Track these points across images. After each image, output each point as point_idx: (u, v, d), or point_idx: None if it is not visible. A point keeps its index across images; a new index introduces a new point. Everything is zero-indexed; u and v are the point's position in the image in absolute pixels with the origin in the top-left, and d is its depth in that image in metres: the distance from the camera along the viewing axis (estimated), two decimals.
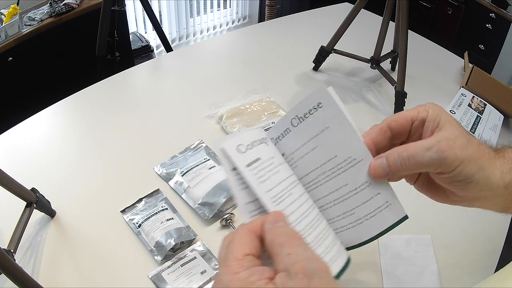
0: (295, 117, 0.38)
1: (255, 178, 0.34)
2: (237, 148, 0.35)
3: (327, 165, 0.38)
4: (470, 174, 0.36)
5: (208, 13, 2.81)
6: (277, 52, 1.11)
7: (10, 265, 0.46)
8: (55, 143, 0.78)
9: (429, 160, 0.35)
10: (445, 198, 0.41)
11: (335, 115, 0.37)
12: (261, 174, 0.35)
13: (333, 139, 0.37)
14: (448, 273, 0.57)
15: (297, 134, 0.38)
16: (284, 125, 0.39)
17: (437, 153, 0.35)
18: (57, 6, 1.67)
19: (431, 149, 0.35)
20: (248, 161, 0.35)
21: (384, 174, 0.36)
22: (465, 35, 2.39)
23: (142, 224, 0.61)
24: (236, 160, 0.34)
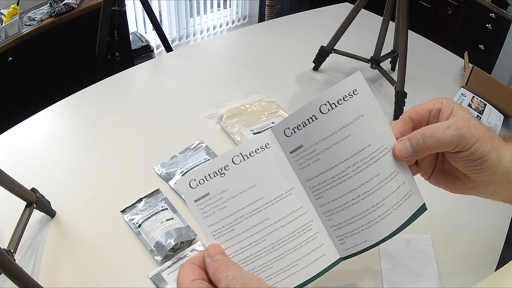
0: (326, 103, 0.36)
1: (199, 213, 0.37)
2: (189, 183, 0.37)
3: (359, 155, 0.37)
4: (486, 152, 0.38)
5: (208, 13, 2.82)
6: (277, 52, 1.11)
7: (10, 265, 0.46)
8: (55, 143, 0.78)
9: (449, 137, 0.37)
10: (461, 186, 0.43)
11: (370, 102, 0.37)
12: (206, 209, 0.37)
13: (367, 127, 0.37)
14: (448, 273, 0.57)
15: (326, 122, 0.36)
16: (309, 112, 0.36)
17: (456, 130, 0.37)
18: (57, 6, 1.67)
19: (450, 127, 0.38)
20: (196, 197, 0.37)
21: (408, 155, 0.38)
22: (465, 35, 2.39)
23: (142, 224, 0.61)
24: (185, 196, 0.37)
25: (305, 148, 0.37)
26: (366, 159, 0.37)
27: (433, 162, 0.44)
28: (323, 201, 0.38)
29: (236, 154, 0.37)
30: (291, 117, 0.37)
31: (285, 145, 0.38)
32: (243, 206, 0.37)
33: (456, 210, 0.66)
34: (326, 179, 0.37)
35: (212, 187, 0.37)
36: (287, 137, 0.37)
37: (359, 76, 0.37)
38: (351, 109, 0.36)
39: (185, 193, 0.37)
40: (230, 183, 0.37)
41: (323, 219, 0.39)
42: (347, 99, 0.36)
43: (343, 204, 0.38)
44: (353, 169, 0.37)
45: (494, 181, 0.40)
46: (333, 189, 0.37)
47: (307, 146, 0.37)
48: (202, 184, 0.37)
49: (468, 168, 0.40)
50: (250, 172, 0.37)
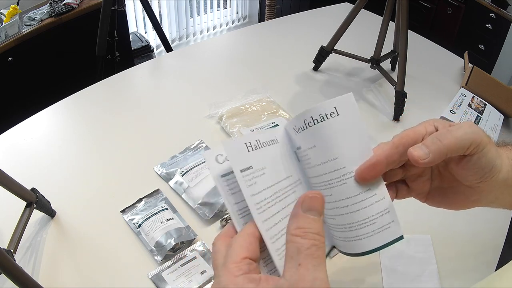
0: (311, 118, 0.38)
1: (227, 189, 0.35)
2: (215, 158, 0.36)
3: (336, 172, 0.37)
4: (494, 157, 0.37)
5: (208, 13, 2.82)
6: (277, 52, 1.11)
7: (10, 265, 0.46)
8: (55, 143, 0.78)
9: (464, 135, 0.36)
10: (464, 200, 0.42)
11: (356, 124, 0.37)
12: (232, 186, 0.35)
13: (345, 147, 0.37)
14: (448, 273, 0.57)
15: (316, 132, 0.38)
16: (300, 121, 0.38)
17: (470, 128, 0.36)
18: (57, 6, 1.67)
19: (462, 126, 0.37)
20: (224, 172, 0.35)
21: (426, 156, 0.36)
22: (465, 35, 2.40)
23: (142, 224, 0.61)
24: (213, 170, 0.35)
25: (302, 150, 0.39)
26: (338, 178, 0.37)
27: (427, 183, 0.43)
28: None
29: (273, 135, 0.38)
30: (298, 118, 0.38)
31: (291, 142, 0.40)
32: (278, 183, 0.36)
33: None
34: (312, 183, 0.39)
35: (253, 160, 0.36)
36: (295, 135, 0.39)
37: (350, 98, 0.38)
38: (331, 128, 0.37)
39: (231, 159, 0.34)
40: (265, 160, 0.37)
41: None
42: (333, 115, 0.37)
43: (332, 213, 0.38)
44: (328, 183, 0.37)
45: (495, 188, 0.39)
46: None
47: (303, 148, 0.38)
48: (244, 154, 0.36)
49: (477, 175, 0.38)
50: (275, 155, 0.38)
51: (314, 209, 0.31)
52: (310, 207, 0.31)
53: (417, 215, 0.65)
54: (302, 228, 0.30)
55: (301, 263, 0.28)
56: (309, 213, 0.30)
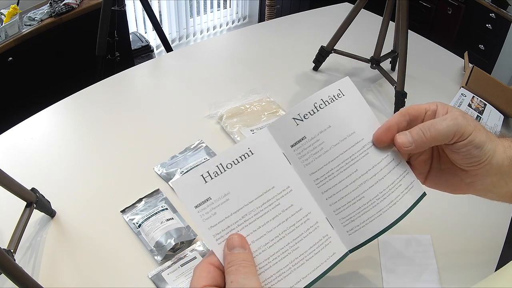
0: (320, 100, 0.40)
1: (200, 218, 0.37)
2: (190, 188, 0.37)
3: (354, 147, 0.40)
4: (483, 140, 0.40)
5: (208, 13, 2.82)
6: (277, 52, 1.11)
7: (10, 265, 0.46)
8: (55, 143, 0.78)
9: (446, 127, 0.39)
10: (459, 183, 0.44)
11: (358, 102, 0.41)
12: (206, 212, 0.36)
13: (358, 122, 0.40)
14: (448, 273, 0.57)
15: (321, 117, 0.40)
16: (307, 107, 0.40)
17: (452, 120, 0.39)
18: (57, 6, 1.67)
19: (446, 119, 0.40)
20: (197, 202, 0.36)
21: (409, 144, 0.40)
22: (465, 35, 2.40)
23: (142, 224, 0.61)
24: (184, 201, 0.36)
25: (308, 139, 0.39)
26: (360, 151, 0.40)
27: (428, 163, 0.45)
28: (328, 193, 0.40)
29: (229, 159, 0.38)
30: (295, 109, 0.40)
31: (284, 140, 0.39)
32: (247, 205, 0.37)
33: (456, 210, 0.66)
34: (328, 171, 0.39)
35: (213, 190, 0.37)
36: (288, 129, 0.39)
37: (348, 80, 0.41)
38: (341, 107, 0.40)
39: (182, 198, 0.36)
40: (230, 184, 0.37)
41: (331, 212, 0.39)
42: (340, 96, 0.41)
43: (348, 195, 0.40)
44: (351, 159, 0.40)
45: (491, 173, 0.42)
46: (336, 179, 0.39)
47: (309, 137, 0.39)
48: (201, 187, 0.36)
49: (467, 159, 0.41)
50: (246, 173, 0.37)
51: (236, 245, 0.35)
52: (232, 246, 0.36)
53: (417, 215, 0.64)
54: (231, 262, 0.35)
55: (233, 280, 0.33)
56: (234, 250, 0.35)
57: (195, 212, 0.36)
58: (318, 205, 0.39)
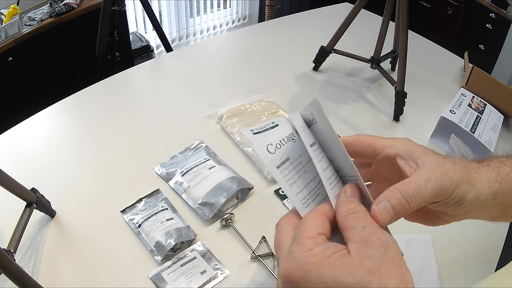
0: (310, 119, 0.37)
1: (285, 180, 0.35)
2: (266, 149, 0.35)
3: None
4: (464, 193, 0.36)
5: (208, 13, 2.82)
6: (277, 52, 1.11)
7: (10, 265, 0.46)
8: (55, 143, 0.78)
9: (431, 191, 0.34)
10: (437, 220, 0.41)
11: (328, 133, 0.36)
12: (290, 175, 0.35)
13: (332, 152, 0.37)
14: (448, 273, 0.57)
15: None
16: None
17: (437, 182, 0.34)
18: (57, 6, 1.67)
19: (429, 179, 0.34)
20: (278, 163, 0.35)
21: (390, 219, 0.33)
22: (465, 35, 2.40)
23: (142, 224, 0.61)
24: (266, 162, 0.34)
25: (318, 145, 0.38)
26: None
27: None
28: None
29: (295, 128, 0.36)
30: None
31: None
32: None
33: None
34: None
35: (290, 151, 0.35)
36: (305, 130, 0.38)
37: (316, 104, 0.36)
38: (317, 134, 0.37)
39: (264, 159, 0.34)
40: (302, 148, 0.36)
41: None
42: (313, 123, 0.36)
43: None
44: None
45: (471, 210, 0.38)
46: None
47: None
48: (279, 148, 0.35)
49: (446, 209, 0.38)
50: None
51: (355, 195, 0.33)
52: (353, 193, 0.33)
53: None
54: (352, 208, 0.32)
55: (365, 226, 0.30)
56: (352, 198, 0.33)
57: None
58: None
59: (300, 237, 0.31)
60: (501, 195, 0.38)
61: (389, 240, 0.29)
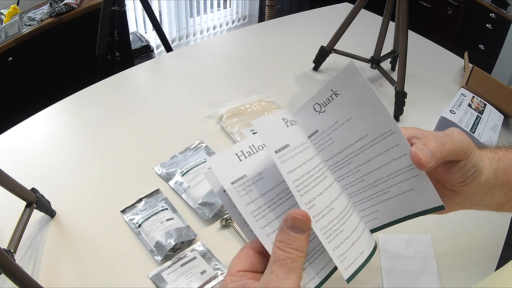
0: (330, 91, 0.39)
1: (229, 203, 0.36)
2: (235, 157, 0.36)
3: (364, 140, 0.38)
4: (478, 160, 0.39)
5: (208, 13, 2.82)
6: (277, 52, 1.11)
7: (10, 265, 0.46)
8: (55, 143, 0.78)
9: (459, 141, 0.37)
10: (447, 203, 0.42)
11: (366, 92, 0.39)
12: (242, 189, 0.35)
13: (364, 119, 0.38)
14: (448, 273, 0.57)
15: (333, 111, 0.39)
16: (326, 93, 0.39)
17: (462, 135, 0.37)
18: (57, 6, 1.67)
19: (454, 132, 0.38)
20: (234, 178, 0.35)
21: (430, 161, 0.36)
22: (465, 35, 2.40)
23: (142, 224, 0.61)
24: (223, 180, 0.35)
25: (320, 133, 0.39)
26: (367, 144, 0.38)
27: None
28: (340, 180, 0.39)
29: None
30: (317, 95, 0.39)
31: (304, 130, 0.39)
32: (281, 184, 0.36)
33: None
34: (339, 159, 0.39)
35: (247, 168, 0.36)
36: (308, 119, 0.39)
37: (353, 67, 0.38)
38: (348, 101, 0.38)
39: (218, 174, 0.35)
40: (263, 163, 0.37)
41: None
42: (343, 90, 0.39)
43: (357, 181, 0.39)
44: (359, 151, 0.38)
45: (479, 189, 0.41)
46: (346, 168, 0.39)
47: (321, 131, 0.39)
48: (236, 165, 0.36)
49: (461, 178, 0.39)
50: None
51: (297, 227, 0.32)
52: (292, 225, 0.32)
53: None
54: (283, 242, 0.32)
55: (273, 271, 0.31)
56: (291, 231, 0.32)
57: (231, 188, 0.35)
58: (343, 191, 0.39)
59: (226, 272, 0.34)
60: (501, 173, 0.41)
61: None
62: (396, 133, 0.37)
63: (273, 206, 0.35)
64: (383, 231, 0.40)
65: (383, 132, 0.37)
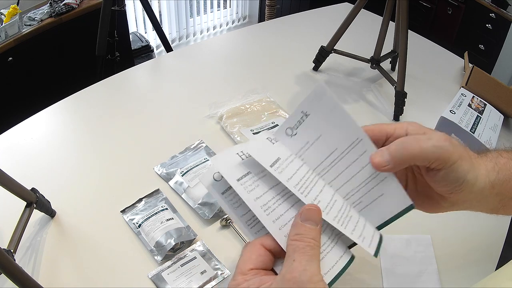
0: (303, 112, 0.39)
1: (230, 205, 0.37)
2: (213, 178, 0.37)
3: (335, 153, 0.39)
4: (465, 171, 0.37)
5: (208, 13, 2.82)
6: (277, 52, 1.11)
7: (10, 265, 0.46)
8: (55, 143, 0.78)
9: (431, 148, 0.35)
10: (436, 206, 0.42)
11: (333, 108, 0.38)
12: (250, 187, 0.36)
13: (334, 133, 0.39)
14: (448, 273, 0.57)
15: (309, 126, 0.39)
16: (297, 116, 0.40)
17: (439, 142, 0.35)
18: (57, 6, 1.67)
19: (432, 138, 0.36)
20: (224, 188, 0.36)
21: (386, 163, 0.36)
22: (465, 35, 2.40)
23: (142, 224, 0.61)
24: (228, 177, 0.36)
25: (294, 155, 0.39)
26: (337, 158, 0.39)
27: (402, 182, 0.40)
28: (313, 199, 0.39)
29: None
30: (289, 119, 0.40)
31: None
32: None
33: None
34: (311, 179, 0.39)
35: (251, 166, 0.37)
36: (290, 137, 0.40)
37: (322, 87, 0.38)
38: (318, 119, 0.39)
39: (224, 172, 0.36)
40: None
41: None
42: (313, 109, 0.39)
43: (330, 197, 0.39)
44: (329, 167, 0.39)
45: (470, 198, 0.39)
46: (316, 186, 0.39)
47: (294, 153, 0.39)
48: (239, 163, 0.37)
49: (446, 188, 0.38)
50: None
51: (311, 219, 0.33)
52: (307, 217, 0.33)
53: (417, 215, 0.64)
54: (300, 234, 0.33)
55: (295, 259, 0.31)
56: (306, 223, 0.33)
57: (237, 185, 0.35)
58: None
59: (235, 271, 0.34)
60: (498, 184, 0.39)
61: (305, 280, 0.30)
62: (363, 140, 0.37)
63: (281, 200, 0.36)
64: (383, 231, 0.40)
65: (352, 141, 0.38)
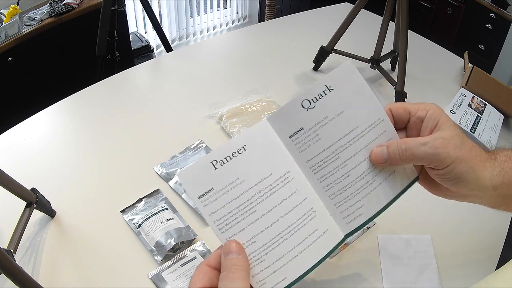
0: (323, 87, 0.40)
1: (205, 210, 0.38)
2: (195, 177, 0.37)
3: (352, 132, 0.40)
4: (460, 173, 0.39)
5: (208, 13, 2.82)
6: (277, 52, 1.11)
7: (10, 265, 0.46)
8: (55, 143, 0.78)
9: (423, 154, 0.39)
10: (440, 192, 0.44)
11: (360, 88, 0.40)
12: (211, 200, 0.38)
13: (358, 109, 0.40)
14: (448, 273, 0.57)
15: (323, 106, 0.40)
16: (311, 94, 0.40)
17: (431, 149, 0.38)
18: (57, 6, 1.67)
19: (426, 144, 0.39)
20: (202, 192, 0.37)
21: (384, 161, 0.40)
22: (465, 35, 2.40)
23: (142, 224, 0.61)
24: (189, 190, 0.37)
25: (305, 130, 0.40)
26: (358, 135, 0.40)
27: (418, 166, 0.45)
28: (325, 179, 0.40)
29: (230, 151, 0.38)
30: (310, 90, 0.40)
31: (283, 131, 0.40)
32: (246, 192, 0.38)
33: (456, 210, 0.66)
34: (325, 157, 0.40)
35: (215, 181, 0.37)
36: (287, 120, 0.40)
37: (350, 66, 0.40)
38: (342, 95, 0.40)
39: (187, 189, 0.37)
40: (231, 174, 0.38)
41: (326, 198, 0.40)
42: (338, 85, 0.40)
43: (343, 177, 0.40)
44: (347, 144, 0.40)
45: (471, 195, 0.42)
46: (332, 164, 0.40)
47: (306, 128, 0.40)
48: (205, 178, 0.37)
49: (444, 183, 0.41)
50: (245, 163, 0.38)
51: (231, 251, 0.36)
52: (226, 251, 0.36)
53: (417, 215, 0.65)
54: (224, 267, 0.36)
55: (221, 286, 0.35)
56: (228, 256, 0.36)
57: (198, 202, 0.37)
58: (315, 191, 0.40)
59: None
60: (502, 187, 0.41)
61: None
62: (384, 121, 0.40)
63: (238, 213, 0.37)
64: (383, 231, 0.40)
65: (374, 121, 0.40)
